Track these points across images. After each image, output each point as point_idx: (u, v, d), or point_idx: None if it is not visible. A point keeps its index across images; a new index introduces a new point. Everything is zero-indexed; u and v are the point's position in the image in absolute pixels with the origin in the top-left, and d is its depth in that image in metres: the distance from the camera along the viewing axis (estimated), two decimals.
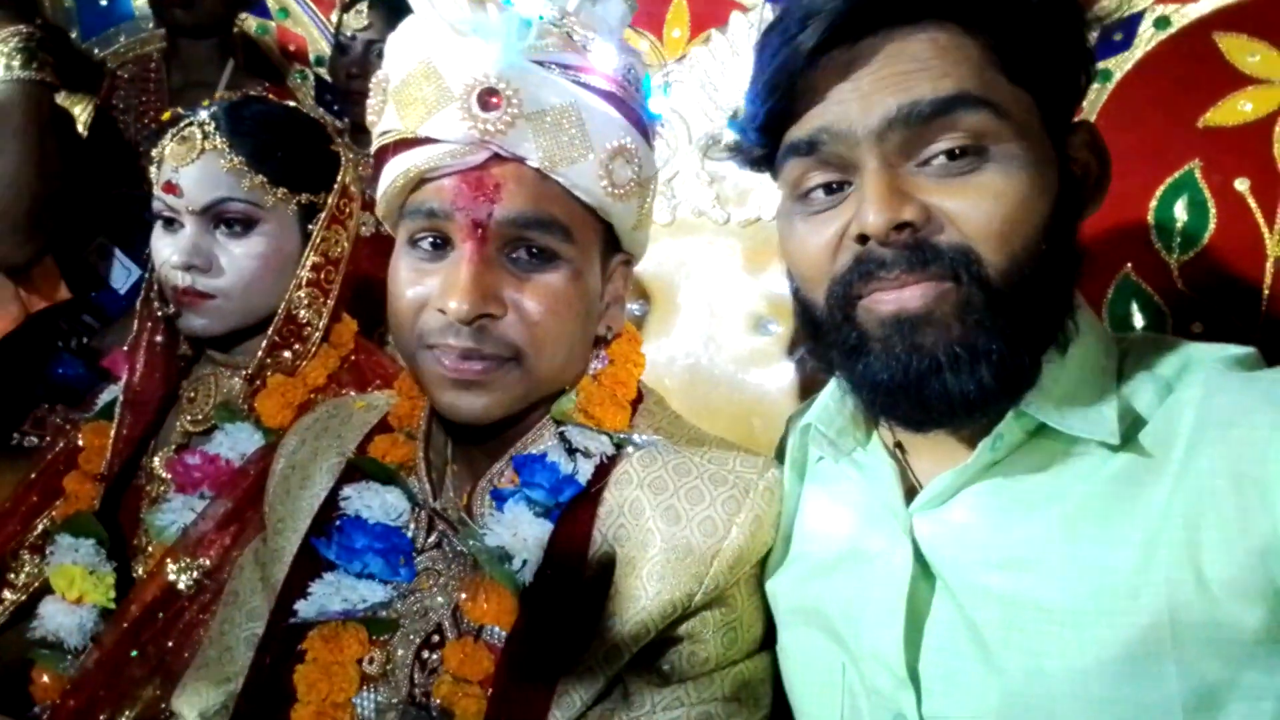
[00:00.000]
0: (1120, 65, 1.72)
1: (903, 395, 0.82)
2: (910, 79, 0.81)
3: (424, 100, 0.93)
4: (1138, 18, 1.75)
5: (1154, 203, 1.78)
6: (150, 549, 1.34)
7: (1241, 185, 1.72)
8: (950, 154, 0.80)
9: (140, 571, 1.33)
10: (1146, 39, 1.81)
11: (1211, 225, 1.74)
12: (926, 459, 0.92)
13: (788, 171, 0.90)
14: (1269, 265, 1.73)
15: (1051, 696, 0.77)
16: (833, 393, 0.99)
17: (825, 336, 0.89)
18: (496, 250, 0.96)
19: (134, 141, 2.16)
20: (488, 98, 0.91)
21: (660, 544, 0.94)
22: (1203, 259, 1.75)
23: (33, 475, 1.42)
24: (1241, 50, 1.73)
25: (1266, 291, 1.59)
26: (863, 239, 0.82)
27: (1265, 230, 1.72)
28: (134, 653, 1.17)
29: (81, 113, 2.16)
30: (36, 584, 1.34)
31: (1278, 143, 1.70)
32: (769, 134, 0.91)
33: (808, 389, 1.31)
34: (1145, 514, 0.77)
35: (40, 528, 1.38)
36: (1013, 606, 0.81)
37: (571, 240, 0.97)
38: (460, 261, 0.94)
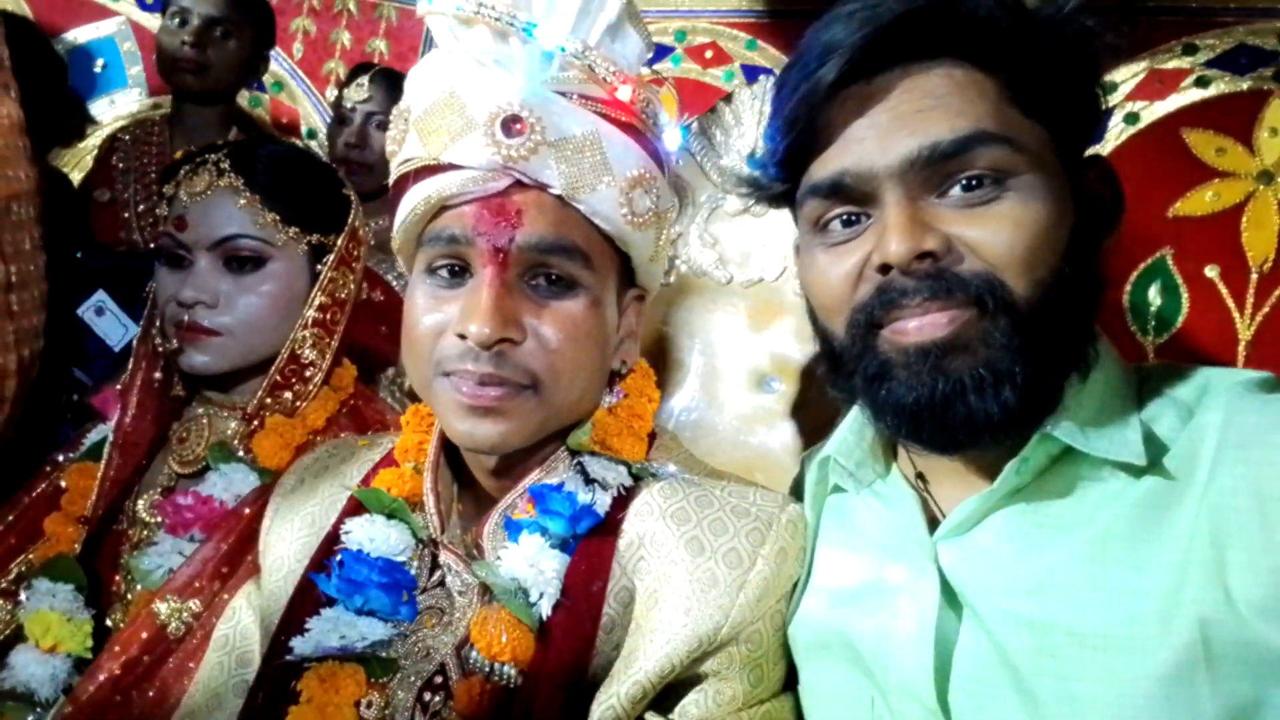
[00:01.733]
0: None
1: (927, 418, 0.83)
2: (928, 116, 0.83)
3: (447, 128, 0.95)
4: (1108, 113, 1.84)
5: (1129, 287, 1.84)
6: (130, 596, 1.28)
7: (1211, 272, 1.79)
8: (968, 184, 0.83)
9: (118, 618, 1.27)
10: (1117, 134, 1.90)
11: (1184, 310, 1.81)
12: (948, 487, 0.92)
13: (809, 209, 0.92)
14: (1241, 349, 1.79)
15: None
16: (851, 425, 1.00)
17: (845, 365, 0.90)
18: (516, 276, 0.96)
19: (131, 201, 2.16)
20: (511, 125, 0.93)
21: (685, 576, 0.92)
22: (1177, 341, 1.81)
23: (10, 517, 1.35)
24: (1208, 145, 1.83)
25: None
26: (885, 269, 0.84)
27: (1236, 314, 1.79)
28: (117, 697, 1.10)
29: (74, 171, 2.16)
30: (8, 631, 1.26)
31: (1245, 232, 1.78)
32: (789, 169, 0.93)
33: (810, 445, 1.31)
34: (1173, 537, 0.77)
35: (14, 572, 1.30)
36: (1044, 632, 0.80)
37: (591, 268, 0.98)
38: (481, 287, 0.94)
